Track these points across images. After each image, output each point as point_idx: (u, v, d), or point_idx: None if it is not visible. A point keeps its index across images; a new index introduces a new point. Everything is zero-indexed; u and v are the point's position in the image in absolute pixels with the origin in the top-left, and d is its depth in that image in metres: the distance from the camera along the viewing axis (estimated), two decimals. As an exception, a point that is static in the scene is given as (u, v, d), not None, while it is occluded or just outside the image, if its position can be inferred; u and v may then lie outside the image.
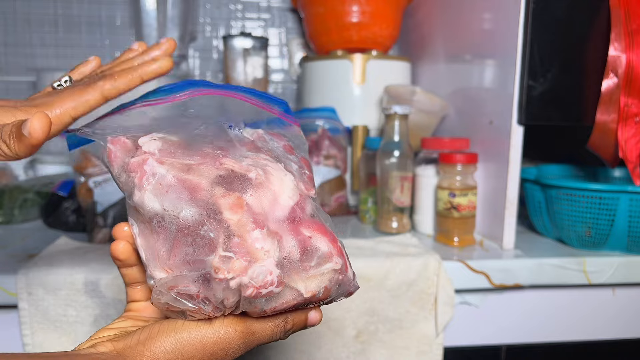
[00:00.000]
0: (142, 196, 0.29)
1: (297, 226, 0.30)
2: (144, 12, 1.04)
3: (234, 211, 0.28)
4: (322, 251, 0.30)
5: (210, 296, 0.28)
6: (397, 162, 0.73)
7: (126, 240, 0.31)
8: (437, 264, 0.60)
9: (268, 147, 0.34)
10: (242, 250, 0.27)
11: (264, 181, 0.30)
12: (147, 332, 0.29)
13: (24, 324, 0.55)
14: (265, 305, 0.29)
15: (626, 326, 0.68)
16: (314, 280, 0.30)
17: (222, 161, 0.30)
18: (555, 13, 0.62)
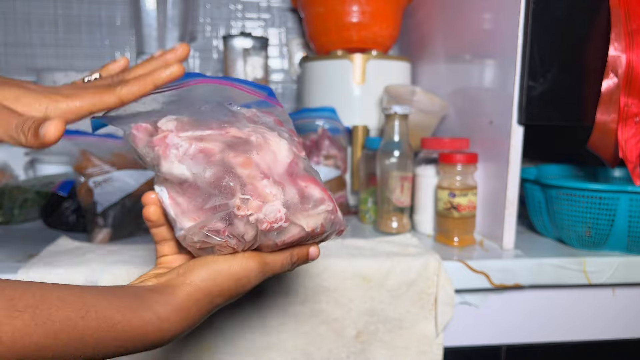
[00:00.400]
0: (170, 166, 0.36)
1: (295, 179, 0.38)
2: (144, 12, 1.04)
3: (245, 167, 0.36)
4: (316, 197, 0.38)
5: (234, 231, 0.35)
6: (397, 162, 0.73)
7: (155, 205, 0.38)
8: (437, 264, 0.60)
9: (262, 121, 0.41)
10: (255, 194, 0.35)
11: (264, 144, 0.37)
12: (185, 267, 0.36)
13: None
14: (276, 238, 0.37)
15: (626, 326, 0.68)
16: (312, 218, 0.38)
17: (228, 130, 0.37)
18: (555, 13, 0.62)
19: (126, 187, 0.70)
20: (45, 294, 0.27)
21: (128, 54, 1.18)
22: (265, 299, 0.58)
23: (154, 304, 0.32)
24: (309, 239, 0.39)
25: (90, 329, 0.28)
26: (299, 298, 0.58)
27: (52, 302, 0.27)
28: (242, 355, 0.58)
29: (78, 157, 0.69)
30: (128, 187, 0.70)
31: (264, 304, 0.58)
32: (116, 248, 0.63)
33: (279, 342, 0.59)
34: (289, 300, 0.58)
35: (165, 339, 0.33)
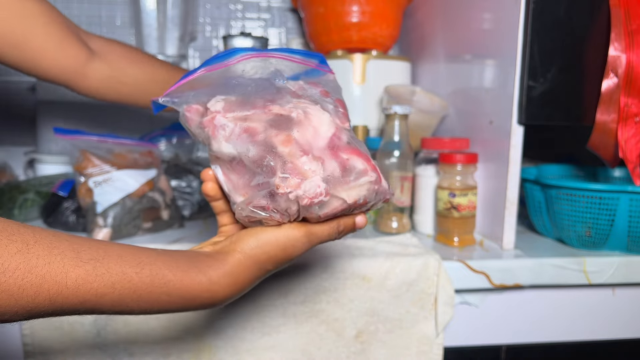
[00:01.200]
0: (219, 145, 0.39)
1: (337, 151, 0.39)
2: (144, 12, 1.04)
3: (285, 145, 0.37)
4: (358, 168, 0.39)
5: (277, 207, 0.37)
6: (397, 162, 0.73)
7: (212, 181, 0.42)
8: (437, 264, 0.60)
9: (307, 94, 0.42)
10: (295, 172, 0.37)
11: (304, 119, 0.39)
12: (236, 236, 0.39)
13: (24, 324, 0.55)
14: (318, 211, 0.38)
15: (626, 326, 0.68)
16: (354, 190, 0.39)
17: (270, 108, 0.39)
18: (555, 13, 0.62)
19: (126, 187, 0.70)
20: (108, 250, 0.31)
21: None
22: (266, 299, 0.58)
23: (206, 267, 0.36)
24: (354, 209, 0.41)
25: (144, 283, 0.32)
26: (299, 298, 0.58)
27: (111, 258, 0.31)
28: (242, 355, 0.58)
29: (78, 157, 0.69)
30: (128, 187, 0.70)
31: (264, 304, 0.58)
32: (116, 248, 0.63)
33: (279, 342, 0.59)
34: (289, 300, 0.58)
35: (215, 301, 0.36)
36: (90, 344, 0.55)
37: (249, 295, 0.57)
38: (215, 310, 0.57)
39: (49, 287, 0.28)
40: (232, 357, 0.58)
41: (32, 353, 0.55)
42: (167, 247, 0.64)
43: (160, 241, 0.68)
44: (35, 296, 0.28)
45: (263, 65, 0.42)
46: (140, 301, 0.32)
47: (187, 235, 0.72)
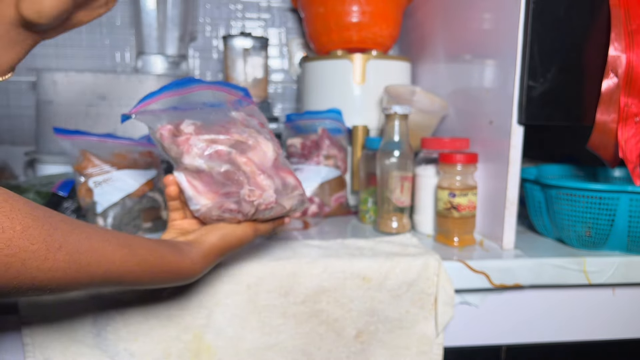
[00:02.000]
0: (192, 160, 0.49)
1: (278, 171, 0.53)
2: (144, 12, 1.04)
3: (247, 165, 0.50)
4: (292, 184, 0.54)
5: (241, 210, 0.50)
6: (397, 162, 0.73)
7: (174, 185, 0.52)
8: (437, 264, 0.60)
9: (251, 125, 0.53)
10: (257, 185, 0.50)
11: (257, 145, 0.52)
12: (202, 230, 0.51)
13: (24, 324, 0.55)
14: (267, 213, 0.52)
15: (626, 326, 0.68)
16: (291, 200, 0.54)
17: (232, 135, 0.51)
18: (555, 13, 0.62)
19: (126, 187, 0.70)
20: (131, 239, 0.41)
21: (128, 54, 1.18)
22: (265, 299, 0.58)
23: (188, 253, 0.47)
24: (286, 214, 0.56)
25: (156, 262, 0.42)
26: (299, 298, 0.58)
27: (136, 244, 0.41)
28: (242, 355, 0.58)
29: (78, 157, 0.69)
30: (128, 187, 0.70)
31: (264, 304, 0.58)
32: (116, 248, 0.63)
33: (279, 342, 0.59)
34: (289, 300, 0.58)
35: (194, 276, 0.48)
36: (90, 344, 0.55)
37: (249, 295, 0.57)
38: (215, 310, 0.57)
39: (106, 264, 0.37)
40: (232, 357, 0.58)
41: (32, 353, 0.55)
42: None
43: (160, 241, 0.68)
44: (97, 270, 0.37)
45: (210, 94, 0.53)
46: (151, 276, 0.42)
47: (187, 235, 0.72)
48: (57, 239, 0.33)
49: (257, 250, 0.63)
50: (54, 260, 0.33)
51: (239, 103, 0.55)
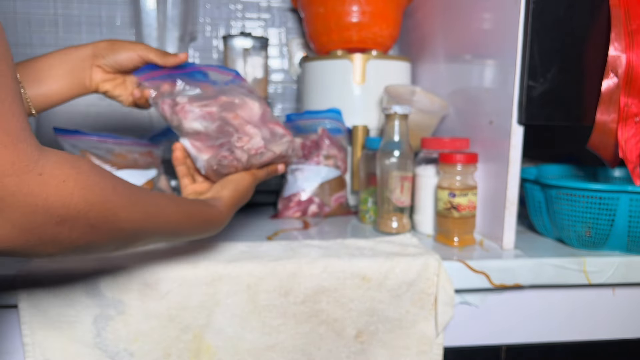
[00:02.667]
0: (190, 123, 0.59)
1: (267, 123, 0.61)
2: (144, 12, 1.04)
3: (235, 119, 0.59)
4: (280, 133, 0.62)
5: (235, 156, 0.58)
6: (397, 162, 0.73)
7: (181, 150, 0.61)
8: (437, 264, 0.60)
9: (239, 91, 0.63)
10: (245, 134, 0.58)
11: (243, 103, 0.61)
12: (216, 187, 0.57)
13: (24, 324, 0.55)
14: (259, 158, 0.60)
15: (626, 326, 0.68)
16: (279, 146, 0.61)
17: (220, 98, 0.60)
18: (555, 13, 0.62)
19: (126, 187, 0.70)
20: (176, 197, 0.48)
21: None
22: (266, 299, 0.58)
23: (214, 205, 0.53)
24: (279, 159, 0.63)
25: (196, 214, 0.50)
26: (299, 298, 0.58)
27: (179, 200, 0.48)
28: (242, 355, 0.58)
29: (78, 157, 0.69)
30: (128, 187, 0.70)
31: (264, 304, 0.58)
32: (116, 248, 0.63)
33: (279, 342, 0.59)
34: (289, 300, 0.58)
35: (222, 224, 0.54)
36: (90, 344, 0.55)
37: (249, 295, 0.57)
38: (215, 310, 0.57)
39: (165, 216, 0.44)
40: (232, 357, 0.58)
41: (32, 353, 0.55)
42: (167, 247, 0.64)
43: (160, 241, 0.68)
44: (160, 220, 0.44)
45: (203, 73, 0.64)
46: (193, 225, 0.49)
47: (187, 235, 0.72)
48: (134, 194, 0.40)
49: (257, 250, 0.63)
50: (135, 212, 0.40)
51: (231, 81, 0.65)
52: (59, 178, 0.33)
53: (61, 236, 0.34)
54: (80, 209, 0.34)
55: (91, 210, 0.35)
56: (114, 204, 0.37)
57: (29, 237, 0.32)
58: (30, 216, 0.32)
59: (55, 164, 0.33)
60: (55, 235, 0.34)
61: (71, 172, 0.34)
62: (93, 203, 0.35)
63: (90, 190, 0.35)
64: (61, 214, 0.33)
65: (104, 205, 0.36)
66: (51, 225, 0.33)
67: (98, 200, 0.35)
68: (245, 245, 0.65)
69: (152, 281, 0.56)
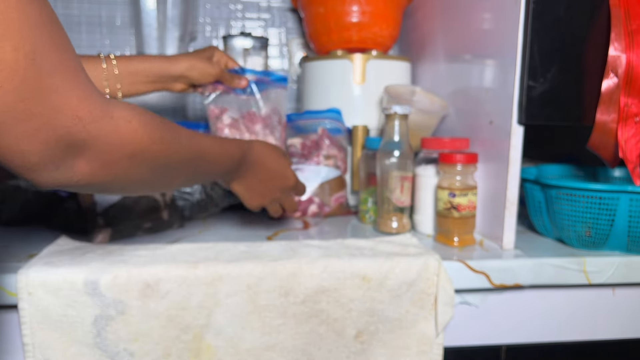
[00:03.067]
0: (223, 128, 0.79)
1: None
2: (144, 12, 1.04)
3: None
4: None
5: None
6: (397, 162, 0.73)
7: None
8: (437, 264, 0.60)
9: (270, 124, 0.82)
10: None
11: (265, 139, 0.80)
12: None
13: (24, 324, 0.55)
14: None
15: (626, 326, 0.68)
16: None
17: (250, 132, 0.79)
18: (555, 13, 0.62)
19: (126, 187, 0.70)
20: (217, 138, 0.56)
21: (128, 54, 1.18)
22: (266, 299, 0.58)
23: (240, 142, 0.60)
24: None
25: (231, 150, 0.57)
26: (299, 298, 0.58)
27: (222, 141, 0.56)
28: (242, 355, 0.58)
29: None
30: (128, 187, 0.70)
31: (264, 304, 0.58)
32: (116, 248, 0.63)
33: (279, 342, 0.59)
34: (289, 300, 0.58)
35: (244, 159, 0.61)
36: (90, 344, 0.55)
37: (249, 295, 0.57)
38: (215, 310, 0.57)
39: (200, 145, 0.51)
40: (232, 357, 0.58)
41: (32, 353, 0.55)
42: (167, 247, 0.64)
43: (160, 241, 0.68)
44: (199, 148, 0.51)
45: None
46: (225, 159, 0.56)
47: (187, 235, 0.72)
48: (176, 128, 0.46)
49: (257, 250, 0.63)
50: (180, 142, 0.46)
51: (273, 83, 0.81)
52: (126, 119, 0.39)
53: (132, 170, 0.41)
54: (145, 142, 0.41)
55: (152, 144, 0.42)
56: (168, 139, 0.44)
57: (109, 171, 0.39)
58: (110, 153, 0.38)
59: (120, 108, 0.39)
60: (128, 169, 0.40)
61: (133, 113, 0.40)
62: (154, 138, 0.42)
63: (150, 127, 0.41)
64: (131, 149, 0.40)
65: (161, 140, 0.43)
66: (125, 159, 0.39)
67: (156, 135, 0.42)
68: (245, 245, 0.65)
69: (152, 281, 0.56)
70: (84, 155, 0.37)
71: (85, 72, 0.37)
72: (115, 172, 0.40)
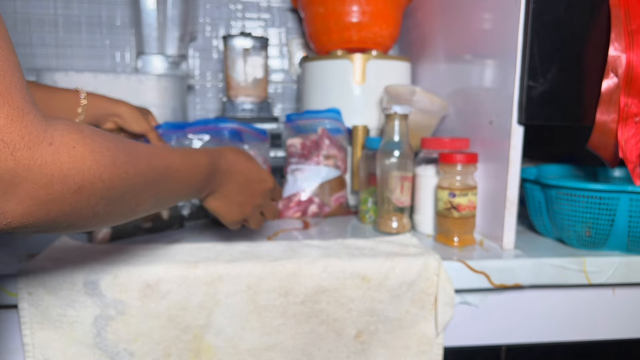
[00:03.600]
0: None
1: None
2: (144, 12, 1.04)
3: None
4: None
5: None
6: (397, 162, 0.73)
7: None
8: (437, 264, 0.60)
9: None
10: None
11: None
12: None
13: (24, 324, 0.55)
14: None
15: (626, 326, 0.68)
16: None
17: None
18: (555, 13, 0.62)
19: (126, 187, 0.70)
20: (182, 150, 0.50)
21: (128, 54, 1.18)
22: (266, 299, 0.58)
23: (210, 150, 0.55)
24: None
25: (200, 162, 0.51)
26: (299, 298, 0.58)
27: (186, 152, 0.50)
28: (242, 355, 0.58)
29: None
30: (128, 187, 0.70)
31: (264, 304, 0.58)
32: (116, 248, 0.63)
33: (279, 342, 0.59)
34: (289, 300, 0.58)
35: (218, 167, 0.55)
36: (90, 344, 0.55)
37: (249, 295, 0.57)
38: (215, 310, 0.57)
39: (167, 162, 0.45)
40: (232, 357, 0.58)
41: (32, 353, 0.55)
42: (167, 247, 0.64)
43: (160, 241, 0.68)
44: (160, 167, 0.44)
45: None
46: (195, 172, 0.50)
47: (187, 235, 0.72)
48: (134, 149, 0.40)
49: (257, 250, 0.63)
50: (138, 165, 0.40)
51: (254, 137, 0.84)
52: (68, 145, 0.33)
53: (80, 204, 0.34)
54: (94, 172, 0.34)
55: (104, 171, 0.35)
56: (122, 161, 0.37)
57: (50, 209, 0.32)
58: (48, 187, 0.31)
59: (62, 131, 0.33)
60: (75, 204, 0.34)
61: (78, 137, 0.33)
62: (104, 164, 0.35)
63: (99, 152, 0.35)
64: (77, 181, 0.33)
65: (114, 164, 0.36)
66: (70, 194, 0.33)
67: (108, 160, 0.36)
68: (245, 245, 0.65)
69: (152, 281, 0.56)
70: (15, 192, 0.30)
71: (27, 91, 0.31)
72: (59, 210, 0.33)
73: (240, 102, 1.06)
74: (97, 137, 0.36)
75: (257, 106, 1.06)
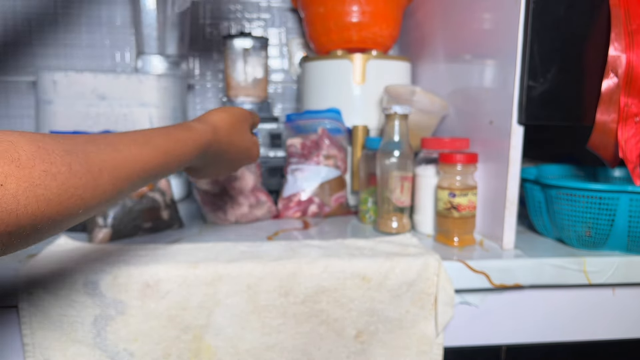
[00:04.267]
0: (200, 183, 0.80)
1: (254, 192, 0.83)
2: (144, 12, 1.04)
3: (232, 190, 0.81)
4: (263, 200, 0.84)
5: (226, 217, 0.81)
6: (397, 162, 0.73)
7: None
8: (437, 264, 0.60)
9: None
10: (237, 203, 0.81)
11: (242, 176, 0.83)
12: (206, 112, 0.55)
13: (24, 324, 0.55)
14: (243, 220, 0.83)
15: (626, 326, 0.68)
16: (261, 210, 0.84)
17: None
18: (555, 13, 0.62)
19: (126, 187, 0.70)
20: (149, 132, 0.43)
21: (128, 54, 1.18)
22: (265, 299, 0.58)
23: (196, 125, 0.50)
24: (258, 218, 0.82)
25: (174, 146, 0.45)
26: (299, 298, 0.58)
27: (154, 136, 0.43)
28: (242, 355, 0.58)
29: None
30: (128, 187, 0.70)
31: (264, 304, 0.58)
32: (116, 248, 0.63)
33: (279, 342, 0.59)
34: (289, 300, 0.58)
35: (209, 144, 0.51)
36: (90, 344, 0.55)
37: (249, 295, 0.57)
38: (215, 310, 0.57)
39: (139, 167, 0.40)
40: (232, 357, 0.58)
41: (32, 353, 0.55)
42: (167, 247, 0.64)
43: (160, 241, 0.68)
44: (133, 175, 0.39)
45: None
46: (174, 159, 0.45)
47: (187, 235, 0.72)
48: (96, 164, 0.34)
49: (257, 250, 0.63)
50: (101, 184, 0.34)
51: None
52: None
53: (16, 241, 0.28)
54: (32, 210, 0.27)
55: (48, 206, 0.28)
56: (76, 187, 0.31)
57: None
58: None
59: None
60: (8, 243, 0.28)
61: (10, 168, 0.26)
62: (48, 198, 0.28)
63: (39, 185, 0.28)
64: (9, 223, 0.26)
65: (63, 195, 0.30)
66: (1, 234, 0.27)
67: (53, 192, 0.29)
68: (245, 245, 0.65)
69: (152, 281, 0.56)
70: None
71: None
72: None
73: (240, 102, 1.06)
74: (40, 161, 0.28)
75: (257, 106, 1.06)
